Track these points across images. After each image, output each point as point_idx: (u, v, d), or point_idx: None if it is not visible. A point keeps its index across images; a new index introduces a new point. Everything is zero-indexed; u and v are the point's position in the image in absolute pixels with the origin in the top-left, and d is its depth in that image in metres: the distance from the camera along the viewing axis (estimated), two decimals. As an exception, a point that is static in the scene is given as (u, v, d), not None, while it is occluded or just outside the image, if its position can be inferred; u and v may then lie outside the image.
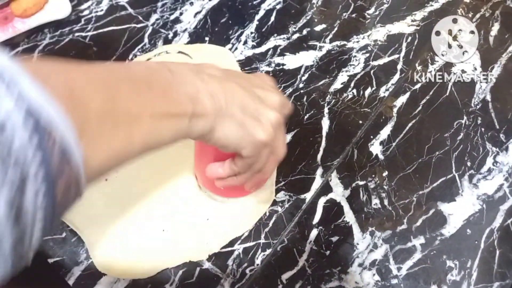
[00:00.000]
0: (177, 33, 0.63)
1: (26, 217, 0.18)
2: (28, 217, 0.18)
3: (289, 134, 0.51)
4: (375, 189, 0.46)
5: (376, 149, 0.49)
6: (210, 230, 0.45)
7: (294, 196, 0.47)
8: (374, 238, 0.44)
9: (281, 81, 0.55)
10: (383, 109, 0.52)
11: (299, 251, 0.44)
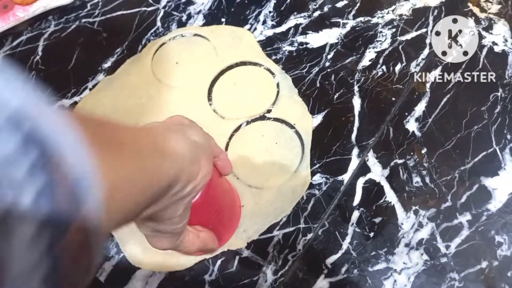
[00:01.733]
0: (191, 15, 0.60)
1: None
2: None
3: (319, 114, 0.49)
4: (415, 167, 0.45)
5: (412, 126, 0.47)
6: (247, 217, 0.43)
7: (331, 178, 0.45)
8: (419, 217, 0.42)
9: (306, 61, 0.53)
10: (415, 85, 0.50)
11: (342, 234, 0.42)
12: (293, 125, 0.48)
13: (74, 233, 0.15)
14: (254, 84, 0.52)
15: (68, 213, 0.14)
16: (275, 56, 0.54)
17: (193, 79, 0.53)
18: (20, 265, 0.13)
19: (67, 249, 0.14)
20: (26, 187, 0.13)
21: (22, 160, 0.13)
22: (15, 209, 0.13)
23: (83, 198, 0.15)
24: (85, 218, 0.15)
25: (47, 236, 0.14)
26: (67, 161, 0.15)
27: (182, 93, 0.52)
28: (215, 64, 0.54)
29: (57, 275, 0.14)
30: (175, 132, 0.29)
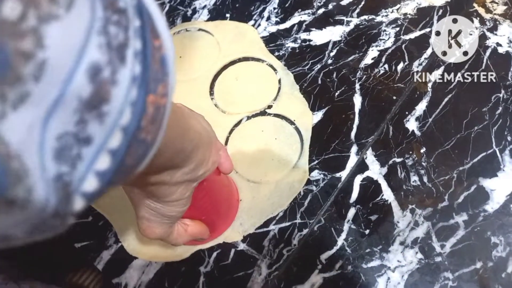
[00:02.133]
0: (196, 10, 0.60)
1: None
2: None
3: (320, 111, 0.49)
4: (413, 166, 0.45)
5: (412, 125, 0.47)
6: (244, 211, 0.44)
7: (329, 174, 0.45)
8: (415, 215, 0.42)
9: (308, 58, 0.53)
10: (417, 84, 0.50)
11: (337, 230, 0.42)
12: (293, 121, 0.49)
13: (159, 97, 0.16)
14: (255, 79, 0.52)
15: (158, 76, 0.16)
16: (278, 52, 0.54)
17: (196, 74, 0.54)
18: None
19: (152, 105, 0.16)
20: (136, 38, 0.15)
21: (136, 16, 0.16)
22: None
23: (168, 70, 0.17)
24: (166, 86, 0.17)
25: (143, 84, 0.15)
26: (163, 36, 0.17)
27: (185, 87, 0.53)
28: (218, 59, 0.54)
29: (134, 132, 0.15)
30: (192, 116, 0.31)
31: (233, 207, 0.43)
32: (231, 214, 0.43)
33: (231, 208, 0.43)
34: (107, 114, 0.14)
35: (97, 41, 0.13)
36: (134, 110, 0.15)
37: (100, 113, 0.14)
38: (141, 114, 0.15)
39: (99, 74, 0.13)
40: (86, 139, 0.14)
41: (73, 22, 0.12)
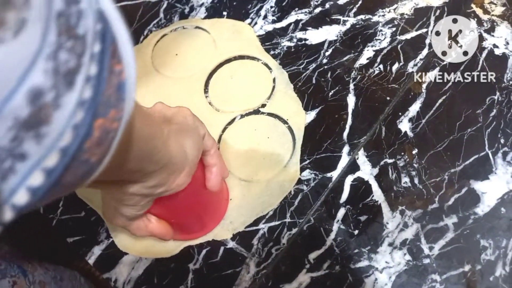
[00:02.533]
0: (193, 8, 0.60)
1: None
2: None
3: (313, 111, 0.49)
4: (404, 167, 0.45)
5: (405, 126, 0.47)
6: (234, 209, 0.44)
7: (320, 174, 0.45)
8: (405, 217, 0.42)
9: (303, 57, 0.53)
10: (411, 85, 0.49)
11: (327, 230, 0.42)
12: (286, 121, 0.49)
13: (109, 121, 0.17)
14: (250, 78, 0.52)
15: (111, 101, 0.17)
16: (274, 51, 0.54)
17: (191, 71, 0.54)
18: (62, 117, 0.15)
19: (99, 129, 0.16)
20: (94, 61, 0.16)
21: (98, 41, 0.16)
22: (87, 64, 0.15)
23: (124, 96, 0.18)
24: (120, 111, 0.17)
25: (91, 109, 0.16)
26: (125, 62, 0.18)
27: (179, 84, 0.53)
28: (214, 57, 0.54)
29: (75, 153, 0.16)
30: (178, 135, 0.31)
31: (223, 206, 0.43)
32: (221, 212, 0.43)
33: (220, 207, 0.43)
34: (45, 135, 0.14)
35: (44, 66, 0.14)
36: (77, 133, 0.15)
37: (38, 134, 0.14)
38: (84, 137, 0.16)
39: (40, 98, 0.14)
40: (21, 155, 0.14)
41: (19, 46, 0.13)
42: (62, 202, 0.46)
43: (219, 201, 0.42)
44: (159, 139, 0.28)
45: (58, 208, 0.46)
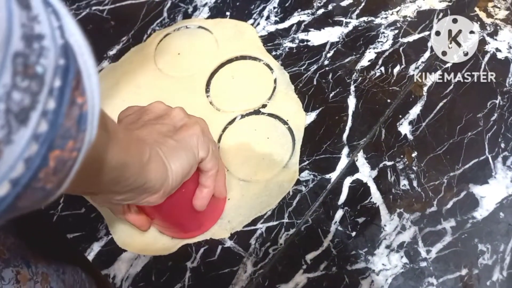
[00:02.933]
0: (197, 8, 0.61)
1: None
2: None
3: (313, 112, 0.49)
4: (403, 170, 0.45)
5: (405, 129, 0.47)
6: (232, 208, 0.44)
7: (318, 175, 0.45)
8: (402, 220, 0.42)
9: (305, 58, 0.53)
10: (412, 88, 0.49)
11: (324, 231, 0.42)
12: (286, 121, 0.49)
13: (67, 152, 0.17)
14: (251, 78, 0.53)
15: (70, 132, 0.17)
16: (275, 52, 0.54)
17: (193, 70, 0.54)
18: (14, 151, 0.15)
19: (55, 159, 0.17)
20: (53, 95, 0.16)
21: (58, 77, 0.16)
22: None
23: (85, 127, 0.18)
24: (80, 141, 0.18)
25: (46, 141, 0.16)
26: (88, 94, 0.18)
27: (181, 83, 0.53)
28: (216, 57, 0.55)
29: (28, 183, 0.16)
30: (167, 155, 0.32)
31: (219, 205, 0.43)
32: (217, 211, 0.43)
33: (217, 206, 0.43)
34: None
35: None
36: (30, 165, 0.16)
37: None
38: (38, 168, 0.16)
39: None
40: None
41: None
42: (63, 199, 0.47)
43: (217, 200, 0.43)
44: (136, 166, 0.29)
45: (58, 204, 0.46)
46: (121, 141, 0.27)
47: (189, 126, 0.35)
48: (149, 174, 0.30)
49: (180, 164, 0.32)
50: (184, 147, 0.33)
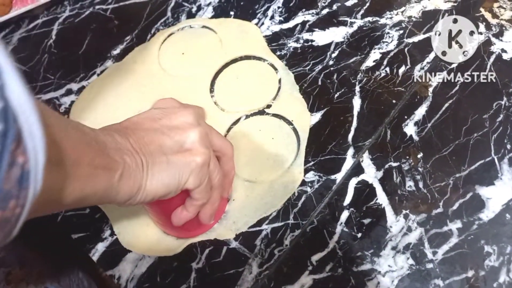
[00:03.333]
0: (201, 7, 0.61)
1: None
2: None
3: (318, 112, 0.49)
4: (409, 171, 0.44)
5: (410, 130, 0.47)
6: (237, 209, 0.44)
7: (324, 176, 0.45)
8: (408, 221, 0.42)
9: (310, 58, 0.53)
10: (418, 89, 0.49)
11: (330, 232, 0.42)
12: (291, 122, 0.49)
13: (9, 211, 0.17)
14: (256, 78, 0.52)
15: (11, 193, 0.17)
16: (280, 52, 0.54)
17: (197, 70, 0.54)
18: None
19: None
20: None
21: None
22: None
23: (28, 184, 0.18)
24: (23, 198, 0.18)
25: None
26: (30, 152, 0.18)
27: (185, 83, 0.53)
28: (220, 57, 0.55)
29: None
30: (146, 171, 0.31)
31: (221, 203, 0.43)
32: (219, 210, 0.43)
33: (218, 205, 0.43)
34: None
35: None
36: None
37: None
38: None
39: None
40: None
41: None
42: (67, 199, 0.47)
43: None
44: (100, 193, 0.28)
45: (63, 205, 0.46)
46: (81, 175, 0.26)
47: (194, 153, 0.33)
48: (120, 189, 0.29)
49: (157, 185, 0.31)
50: (171, 171, 0.32)
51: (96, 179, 0.27)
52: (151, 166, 0.31)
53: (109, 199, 0.30)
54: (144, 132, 0.33)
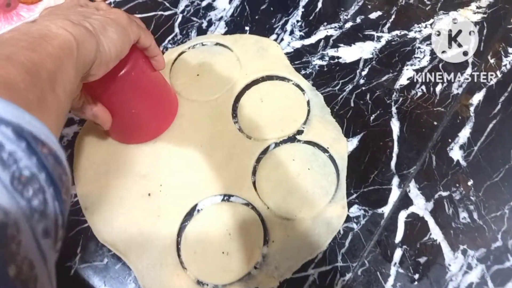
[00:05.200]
0: (211, 22, 0.56)
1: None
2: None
3: (354, 138, 0.45)
4: (461, 200, 0.41)
5: (456, 155, 0.43)
6: (277, 252, 0.40)
7: (370, 210, 0.41)
8: (467, 257, 0.39)
9: (338, 77, 0.49)
10: (458, 108, 0.46)
11: (384, 275, 0.38)
12: (326, 149, 0.44)
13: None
14: (282, 101, 0.48)
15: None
16: (305, 70, 0.50)
17: (216, 94, 0.49)
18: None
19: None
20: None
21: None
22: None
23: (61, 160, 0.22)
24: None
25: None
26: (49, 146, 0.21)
27: (204, 108, 0.48)
28: (240, 78, 0.50)
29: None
30: (92, 28, 0.31)
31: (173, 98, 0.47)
32: (173, 105, 0.46)
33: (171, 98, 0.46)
34: None
35: None
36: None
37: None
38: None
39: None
40: None
41: None
42: (80, 248, 0.41)
43: (169, 95, 0.46)
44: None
45: (76, 255, 0.40)
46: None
47: (118, 12, 0.36)
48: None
49: (111, 35, 0.33)
50: (114, 24, 0.34)
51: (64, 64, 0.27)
52: (92, 23, 0.32)
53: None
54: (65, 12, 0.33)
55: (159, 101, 0.45)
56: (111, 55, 0.33)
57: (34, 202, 0.18)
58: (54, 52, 0.26)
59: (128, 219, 0.42)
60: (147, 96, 0.42)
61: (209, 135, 0.46)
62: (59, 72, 0.26)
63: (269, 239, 0.40)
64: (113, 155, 0.45)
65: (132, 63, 0.38)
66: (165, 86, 0.46)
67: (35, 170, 0.19)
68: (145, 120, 0.44)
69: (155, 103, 0.44)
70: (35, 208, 0.18)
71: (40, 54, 0.26)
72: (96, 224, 0.42)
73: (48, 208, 0.20)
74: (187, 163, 0.44)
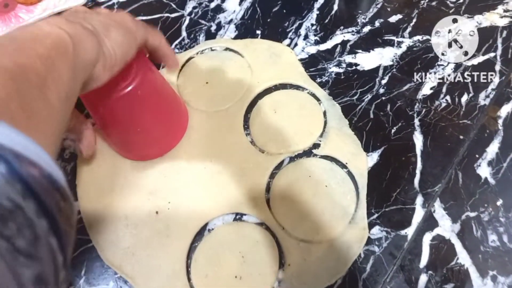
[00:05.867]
0: (221, 25, 0.53)
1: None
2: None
3: (375, 152, 0.42)
4: (490, 222, 0.38)
5: (484, 172, 0.41)
6: (294, 276, 0.37)
7: (392, 232, 0.38)
8: (497, 284, 0.36)
9: (356, 86, 0.46)
10: (485, 121, 0.43)
11: (408, 303, 0.36)
12: (345, 164, 0.42)
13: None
14: (297, 112, 0.45)
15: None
16: (320, 78, 0.47)
17: (226, 104, 0.46)
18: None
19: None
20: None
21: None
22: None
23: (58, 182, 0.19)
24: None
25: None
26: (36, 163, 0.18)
27: (213, 120, 0.45)
28: (251, 86, 0.47)
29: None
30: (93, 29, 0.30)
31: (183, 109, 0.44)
32: (183, 118, 0.44)
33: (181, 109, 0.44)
34: None
35: None
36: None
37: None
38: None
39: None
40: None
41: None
42: (84, 270, 0.38)
43: (179, 106, 0.44)
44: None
45: (80, 278, 0.38)
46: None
47: (123, 16, 0.34)
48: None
49: (115, 37, 0.31)
50: (120, 31, 0.32)
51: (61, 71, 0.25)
52: (95, 25, 0.30)
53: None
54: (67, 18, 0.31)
55: (169, 117, 0.42)
56: (116, 57, 0.31)
57: (18, 242, 0.15)
58: (45, 53, 0.24)
59: (135, 239, 0.39)
60: (156, 113, 0.40)
61: (219, 148, 0.43)
62: (51, 75, 0.23)
63: (285, 263, 0.38)
64: (118, 169, 0.43)
65: (141, 78, 0.35)
66: (175, 101, 0.43)
67: (18, 199, 0.16)
68: (154, 138, 0.41)
69: (164, 119, 0.41)
70: (19, 249, 0.15)
71: (28, 55, 0.23)
72: (101, 244, 0.39)
73: (40, 246, 0.16)
74: (196, 178, 0.42)
